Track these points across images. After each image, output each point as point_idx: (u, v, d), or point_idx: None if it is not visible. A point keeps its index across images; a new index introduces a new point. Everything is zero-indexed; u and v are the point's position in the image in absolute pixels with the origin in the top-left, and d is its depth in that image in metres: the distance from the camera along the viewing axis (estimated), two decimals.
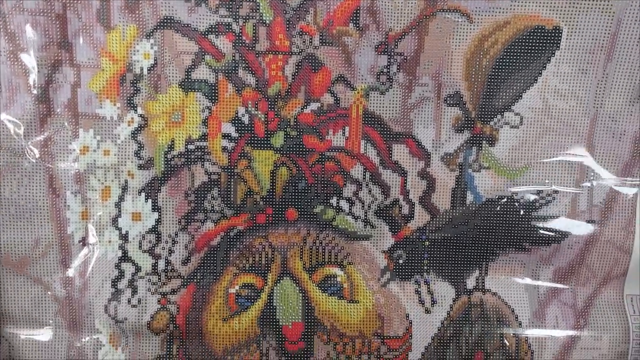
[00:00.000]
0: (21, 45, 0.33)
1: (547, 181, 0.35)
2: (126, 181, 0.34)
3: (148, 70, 0.34)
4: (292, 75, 0.34)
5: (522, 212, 0.36)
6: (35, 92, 0.33)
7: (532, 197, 0.35)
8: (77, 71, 0.33)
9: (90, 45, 0.33)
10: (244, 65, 0.34)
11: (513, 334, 0.36)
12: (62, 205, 0.34)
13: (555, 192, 0.35)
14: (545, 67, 0.34)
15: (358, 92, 0.34)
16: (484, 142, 0.35)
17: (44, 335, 0.35)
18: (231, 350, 0.36)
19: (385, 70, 0.34)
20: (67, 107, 0.34)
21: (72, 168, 0.34)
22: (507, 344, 0.36)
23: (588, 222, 0.36)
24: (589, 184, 0.35)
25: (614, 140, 0.35)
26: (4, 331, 0.35)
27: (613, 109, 0.34)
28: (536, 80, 0.34)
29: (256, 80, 0.34)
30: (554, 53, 0.34)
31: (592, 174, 0.35)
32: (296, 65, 0.34)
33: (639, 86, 0.34)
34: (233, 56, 0.34)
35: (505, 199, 0.36)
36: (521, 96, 0.35)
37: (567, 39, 0.33)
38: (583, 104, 0.34)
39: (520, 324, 0.36)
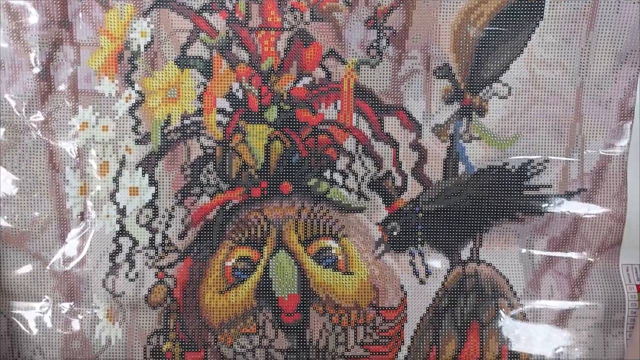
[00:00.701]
0: (23, 24, 0.35)
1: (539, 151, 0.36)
2: (124, 156, 0.36)
3: (145, 47, 0.36)
4: (284, 50, 0.36)
5: (513, 182, 0.37)
6: (36, 70, 0.35)
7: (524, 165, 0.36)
8: (76, 49, 0.35)
9: (90, 24, 0.35)
10: (237, 41, 0.36)
11: (508, 304, 0.37)
12: (61, 181, 0.36)
13: (546, 161, 0.37)
14: (530, 37, 0.36)
15: (349, 66, 0.36)
16: (473, 113, 0.37)
17: (42, 310, 0.36)
18: (228, 323, 0.36)
19: (375, 44, 0.36)
20: (67, 84, 0.36)
21: (71, 144, 0.36)
22: (503, 314, 0.37)
23: (579, 190, 0.37)
24: (579, 153, 0.37)
25: (601, 107, 0.36)
26: (2, 307, 0.36)
27: (598, 77, 0.36)
28: (522, 50, 0.36)
29: (249, 56, 0.36)
30: (538, 23, 0.35)
31: (582, 142, 0.36)
32: (288, 41, 0.36)
33: (620, 53, 0.35)
34: (227, 33, 0.36)
35: (496, 169, 0.37)
36: (508, 67, 0.36)
37: (549, 9, 0.35)
38: (569, 72, 0.36)
39: (515, 294, 0.37)
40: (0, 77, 0.35)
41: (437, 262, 0.37)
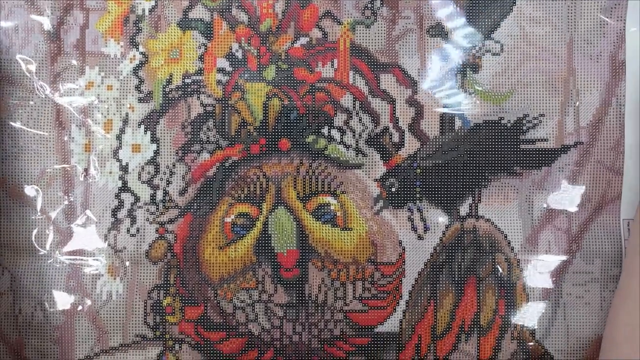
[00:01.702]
0: None
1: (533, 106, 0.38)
2: (127, 114, 0.38)
3: (149, 11, 0.39)
4: (282, 12, 0.38)
5: (510, 136, 0.38)
6: (47, 32, 0.38)
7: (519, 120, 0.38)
8: (86, 14, 0.38)
9: None
10: (236, 4, 0.38)
11: (505, 258, 0.38)
12: (67, 138, 0.38)
13: (542, 115, 0.38)
14: None
15: (345, 27, 0.39)
16: (467, 69, 0.39)
17: (45, 265, 0.38)
18: (227, 278, 0.38)
19: (369, 5, 0.39)
20: (75, 46, 0.38)
21: (77, 102, 0.38)
22: (500, 269, 0.38)
23: (576, 143, 0.38)
24: (574, 106, 0.38)
25: (592, 62, 0.38)
26: (6, 262, 0.38)
27: (586, 32, 0.38)
28: (511, 8, 0.38)
29: (248, 18, 0.39)
30: None
31: (577, 95, 0.38)
32: (285, 3, 0.38)
33: (605, 8, 0.37)
34: None
35: (492, 124, 0.38)
36: (499, 24, 0.38)
37: None
38: (557, 29, 0.38)
39: (512, 249, 0.38)
40: (14, 39, 0.38)
41: (436, 218, 0.39)
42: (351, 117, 0.39)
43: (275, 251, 0.38)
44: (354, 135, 0.39)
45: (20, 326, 0.38)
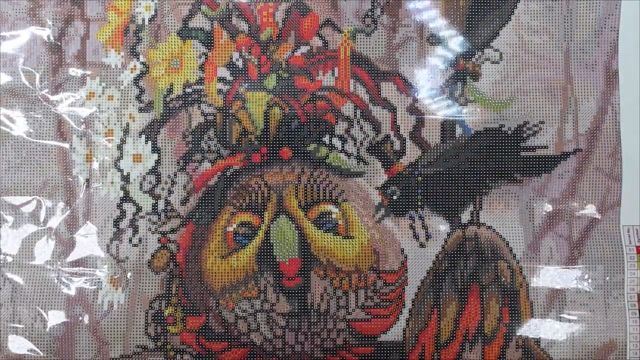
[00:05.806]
0: (39, 2, 0.42)
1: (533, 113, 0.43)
2: (128, 124, 0.43)
3: (149, 21, 0.43)
4: (282, 20, 0.43)
5: (510, 143, 0.43)
6: (49, 44, 0.42)
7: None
8: (86, 25, 0.43)
9: (99, 1, 0.42)
10: (237, 13, 0.43)
11: (507, 266, 0.42)
12: (68, 148, 0.42)
13: (542, 122, 0.43)
14: (516, 5, 0.43)
15: (345, 35, 0.43)
16: (467, 77, 0.43)
17: (46, 276, 0.42)
18: (229, 287, 0.42)
19: (369, 13, 0.43)
20: (76, 57, 0.43)
21: (79, 113, 0.42)
22: (503, 277, 0.42)
23: (575, 150, 0.43)
24: (572, 114, 0.42)
25: (588, 70, 0.43)
26: (7, 273, 0.42)
27: (582, 42, 0.43)
28: (510, 18, 0.43)
29: (249, 27, 0.43)
30: None
31: (575, 104, 0.42)
32: (286, 12, 0.43)
33: (599, 18, 0.42)
34: (227, 5, 0.43)
35: (493, 131, 0.43)
36: (498, 33, 0.43)
37: None
38: (554, 38, 0.43)
39: (514, 257, 0.42)
40: (18, 51, 0.42)
41: (437, 226, 0.43)
42: (352, 125, 0.43)
43: (277, 260, 0.42)
44: (355, 144, 0.43)
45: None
